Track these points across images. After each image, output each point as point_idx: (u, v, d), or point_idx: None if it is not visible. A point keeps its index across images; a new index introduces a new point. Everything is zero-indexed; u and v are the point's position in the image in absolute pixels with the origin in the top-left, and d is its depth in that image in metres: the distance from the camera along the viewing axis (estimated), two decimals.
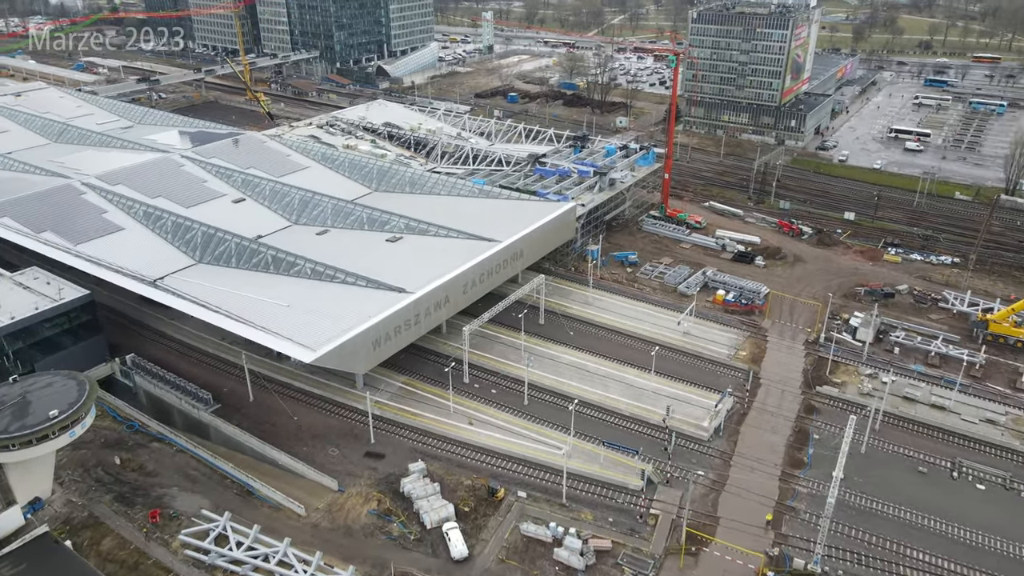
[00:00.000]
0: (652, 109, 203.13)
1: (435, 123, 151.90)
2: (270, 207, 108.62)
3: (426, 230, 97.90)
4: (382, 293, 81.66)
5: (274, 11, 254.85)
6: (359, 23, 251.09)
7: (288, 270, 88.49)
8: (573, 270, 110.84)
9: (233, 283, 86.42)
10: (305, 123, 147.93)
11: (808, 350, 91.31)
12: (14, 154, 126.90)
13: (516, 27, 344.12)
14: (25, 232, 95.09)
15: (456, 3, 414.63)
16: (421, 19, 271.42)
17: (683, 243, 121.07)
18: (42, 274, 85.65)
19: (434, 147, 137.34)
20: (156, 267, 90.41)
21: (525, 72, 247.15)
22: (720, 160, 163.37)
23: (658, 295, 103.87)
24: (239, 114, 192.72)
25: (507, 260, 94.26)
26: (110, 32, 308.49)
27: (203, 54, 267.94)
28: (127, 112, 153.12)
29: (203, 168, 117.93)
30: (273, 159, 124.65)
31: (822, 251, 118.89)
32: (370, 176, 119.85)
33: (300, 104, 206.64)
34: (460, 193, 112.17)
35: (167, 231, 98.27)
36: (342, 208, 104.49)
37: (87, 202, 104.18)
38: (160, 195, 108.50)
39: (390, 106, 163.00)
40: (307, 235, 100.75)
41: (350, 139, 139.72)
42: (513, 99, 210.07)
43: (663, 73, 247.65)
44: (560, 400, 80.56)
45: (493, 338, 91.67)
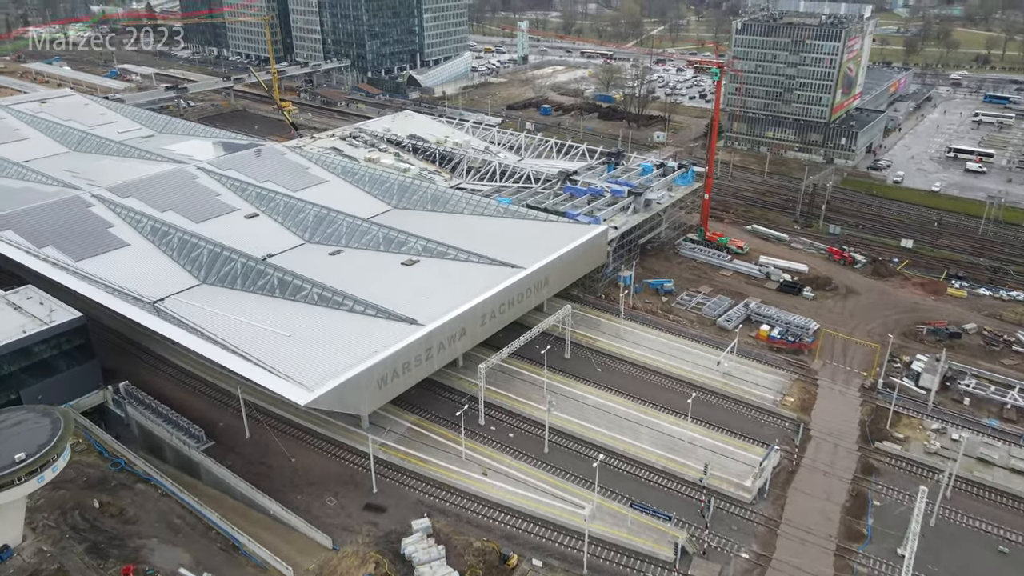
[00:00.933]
0: (691, 123, 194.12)
1: (462, 136, 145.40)
2: (283, 223, 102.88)
3: (445, 253, 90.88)
4: (392, 324, 74.71)
5: (307, 19, 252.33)
6: (392, 32, 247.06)
7: (294, 294, 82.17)
8: (603, 297, 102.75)
9: (235, 307, 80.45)
10: (328, 134, 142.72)
11: (864, 397, 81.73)
12: (31, 163, 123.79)
13: (552, 37, 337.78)
14: (26, 247, 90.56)
15: (492, 13, 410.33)
16: (455, 28, 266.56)
17: (723, 270, 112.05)
18: (36, 293, 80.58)
19: (460, 162, 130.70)
20: (157, 287, 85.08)
21: (560, 83, 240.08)
22: (764, 179, 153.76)
23: (695, 328, 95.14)
24: (266, 124, 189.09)
25: (531, 288, 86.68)
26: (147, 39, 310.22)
27: (236, 62, 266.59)
28: (150, 121, 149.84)
29: (218, 181, 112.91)
30: (291, 172, 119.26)
31: (877, 282, 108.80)
32: (391, 192, 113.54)
33: (328, 114, 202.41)
34: (484, 212, 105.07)
35: (173, 248, 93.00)
36: (357, 227, 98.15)
37: (94, 215, 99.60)
38: (171, 209, 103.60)
39: (417, 118, 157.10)
40: (319, 255, 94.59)
41: (373, 152, 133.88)
42: (546, 111, 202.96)
43: (703, 85, 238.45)
44: (584, 448, 72.58)
45: (513, 374, 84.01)
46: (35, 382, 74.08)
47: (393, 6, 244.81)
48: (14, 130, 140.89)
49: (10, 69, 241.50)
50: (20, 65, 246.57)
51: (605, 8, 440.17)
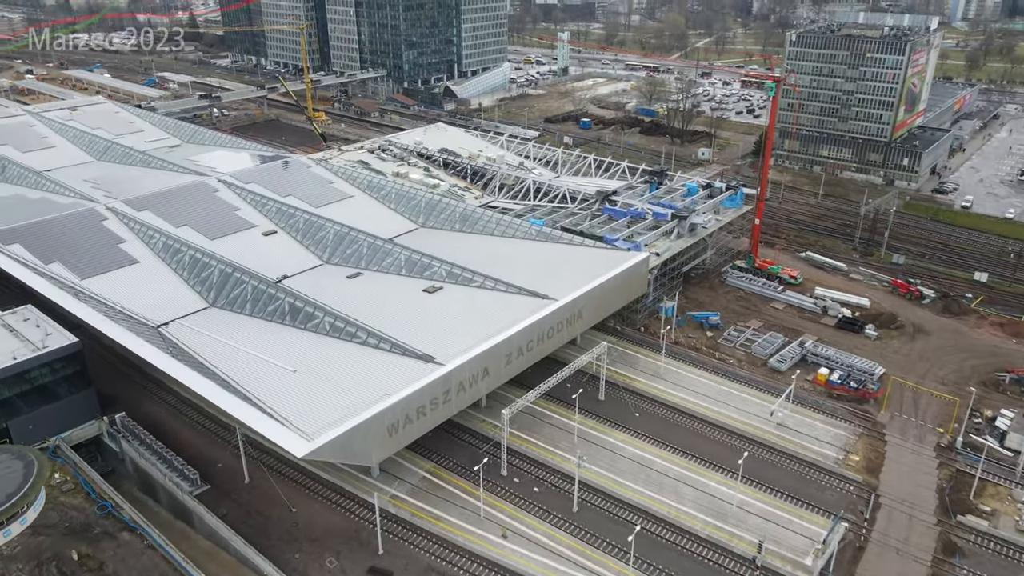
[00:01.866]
0: (738, 140, 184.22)
1: (496, 150, 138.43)
2: (302, 242, 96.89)
3: (470, 280, 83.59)
4: (408, 361, 67.55)
5: (345, 29, 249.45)
6: (430, 42, 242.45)
7: (305, 322, 75.67)
8: (642, 330, 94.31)
9: (241, 335, 74.34)
10: (356, 147, 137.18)
11: (941, 459, 71.69)
12: (53, 171, 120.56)
13: (593, 48, 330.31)
14: (32, 263, 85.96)
15: (533, 24, 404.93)
16: (495, 39, 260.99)
17: (775, 302, 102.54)
18: (34, 315, 75.52)
19: (492, 178, 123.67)
20: (163, 310, 79.65)
21: (600, 96, 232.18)
22: (818, 201, 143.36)
23: (744, 369, 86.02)
24: (297, 134, 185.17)
25: (563, 323, 78.71)
26: (189, 47, 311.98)
27: (274, 71, 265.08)
28: (177, 130, 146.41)
29: (238, 194, 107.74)
30: (315, 186, 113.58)
31: (949, 321, 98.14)
32: (417, 210, 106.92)
33: (361, 125, 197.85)
34: (515, 234, 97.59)
35: (183, 267, 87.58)
36: (379, 248, 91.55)
37: (106, 230, 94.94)
38: (186, 224, 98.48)
39: (449, 130, 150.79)
40: (336, 278, 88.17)
41: (402, 166, 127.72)
42: (586, 125, 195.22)
43: (751, 100, 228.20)
44: (618, 509, 64.29)
45: (541, 417, 76.10)
46: (25, 412, 68.73)
47: (432, 16, 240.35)
48: (42, 138, 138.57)
49: (52, 75, 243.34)
50: (62, 72, 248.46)
51: (649, 20, 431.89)
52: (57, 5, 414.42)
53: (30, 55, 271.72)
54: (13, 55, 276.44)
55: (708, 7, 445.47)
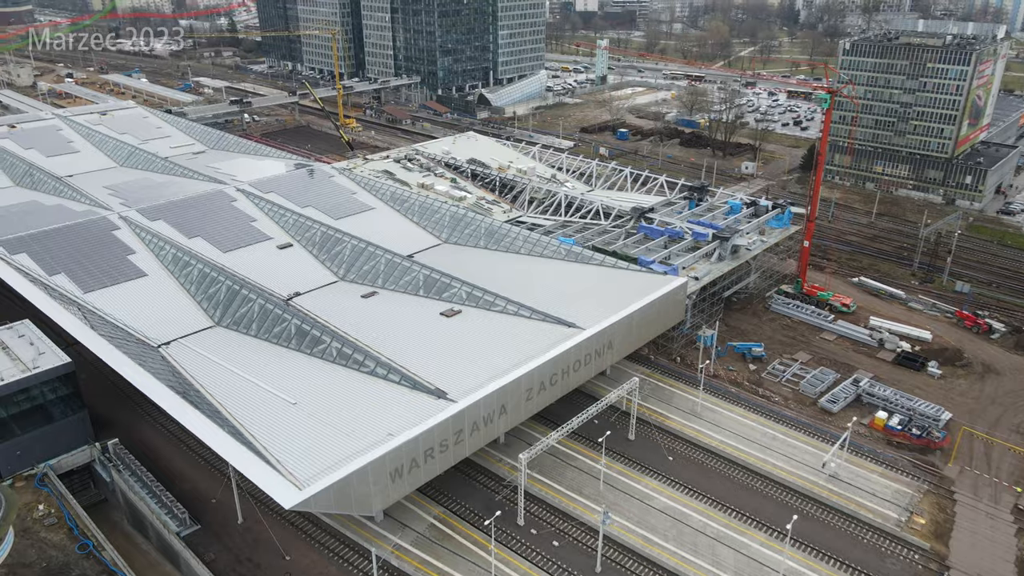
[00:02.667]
0: (784, 153, 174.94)
1: (527, 162, 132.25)
2: (318, 256, 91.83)
3: (492, 303, 77.28)
4: (418, 397, 61.44)
5: (380, 35, 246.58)
6: (465, 49, 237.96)
7: (312, 347, 70.16)
8: (678, 361, 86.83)
9: (243, 359, 69.21)
10: (382, 156, 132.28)
11: (1021, 524, 62.83)
12: (75, 177, 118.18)
13: (632, 56, 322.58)
14: (36, 274, 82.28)
15: (572, 31, 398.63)
16: (532, 46, 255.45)
17: (825, 333, 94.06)
18: (29, 331, 71.65)
19: (522, 191, 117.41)
20: (167, 327, 75.11)
21: (639, 106, 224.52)
22: (871, 221, 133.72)
23: (791, 408, 77.97)
24: (327, 141, 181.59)
25: (591, 355, 71.73)
26: (227, 52, 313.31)
27: (309, 76, 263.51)
28: (203, 136, 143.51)
29: (255, 204, 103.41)
30: (335, 197, 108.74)
31: (1022, 359, 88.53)
32: (441, 224, 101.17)
33: (391, 132, 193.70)
34: (543, 253, 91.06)
35: (191, 282, 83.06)
36: (397, 265, 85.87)
37: (117, 240, 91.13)
38: (199, 235, 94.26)
39: (480, 140, 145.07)
40: (350, 297, 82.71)
41: (428, 177, 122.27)
42: (623, 135, 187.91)
43: (798, 111, 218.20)
44: (648, 571, 57.02)
45: (563, 458, 69.28)
46: (12, 437, 64.53)
47: (468, 22, 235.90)
48: (68, 142, 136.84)
49: (91, 79, 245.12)
50: (100, 76, 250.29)
51: (691, 28, 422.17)
52: (104, 9, 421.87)
53: (71, 59, 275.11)
54: (56, 58, 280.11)
55: (753, 15, 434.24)
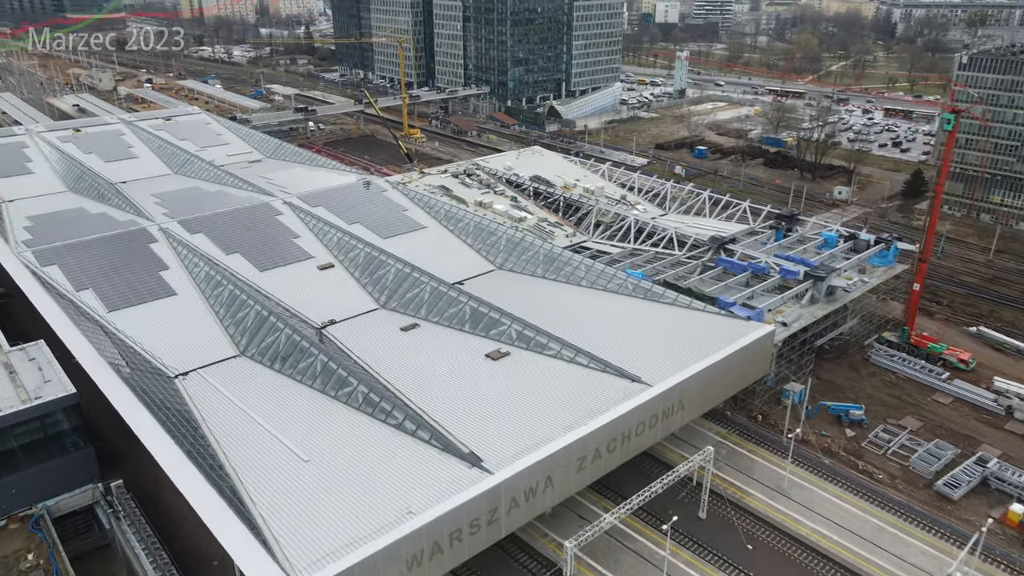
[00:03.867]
0: (883, 178, 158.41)
1: (596, 180, 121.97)
2: (359, 280, 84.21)
3: (544, 346, 67.42)
4: (448, 462, 52.09)
5: (451, 43, 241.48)
6: (537, 59, 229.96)
7: (336, 388, 61.89)
8: (760, 419, 74.64)
9: (260, 398, 61.66)
10: (439, 170, 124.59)
11: None
12: (127, 184, 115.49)
13: (714, 69, 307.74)
14: (62, 288, 77.54)
15: (650, 43, 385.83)
16: (607, 57, 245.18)
17: (938, 393, 79.88)
18: (41, 353, 66.17)
19: (588, 213, 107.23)
20: (187, 355, 68.55)
21: (720, 122, 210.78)
22: (990, 259, 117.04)
23: (899, 490, 64.81)
24: (389, 151, 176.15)
25: (657, 416, 60.88)
26: (302, 60, 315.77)
27: (379, 85, 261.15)
28: (261, 144, 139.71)
29: (301, 219, 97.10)
30: (385, 214, 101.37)
31: None
32: (496, 247, 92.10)
33: (456, 144, 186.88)
34: (607, 287, 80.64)
35: (221, 304, 76.60)
36: (442, 295, 77.16)
37: (152, 254, 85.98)
38: (238, 251, 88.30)
39: (546, 155, 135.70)
40: (389, 329, 74.43)
41: (487, 194, 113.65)
42: (701, 153, 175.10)
43: (897, 131, 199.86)
44: None
45: (620, 538, 58.53)
46: (8, 474, 58.59)
47: (542, 31, 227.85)
48: (128, 147, 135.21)
49: (169, 85, 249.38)
50: (176, 82, 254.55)
51: (777, 41, 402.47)
52: (193, 20, 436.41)
53: (154, 64, 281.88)
54: (140, 63, 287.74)
55: (844, 28, 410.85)
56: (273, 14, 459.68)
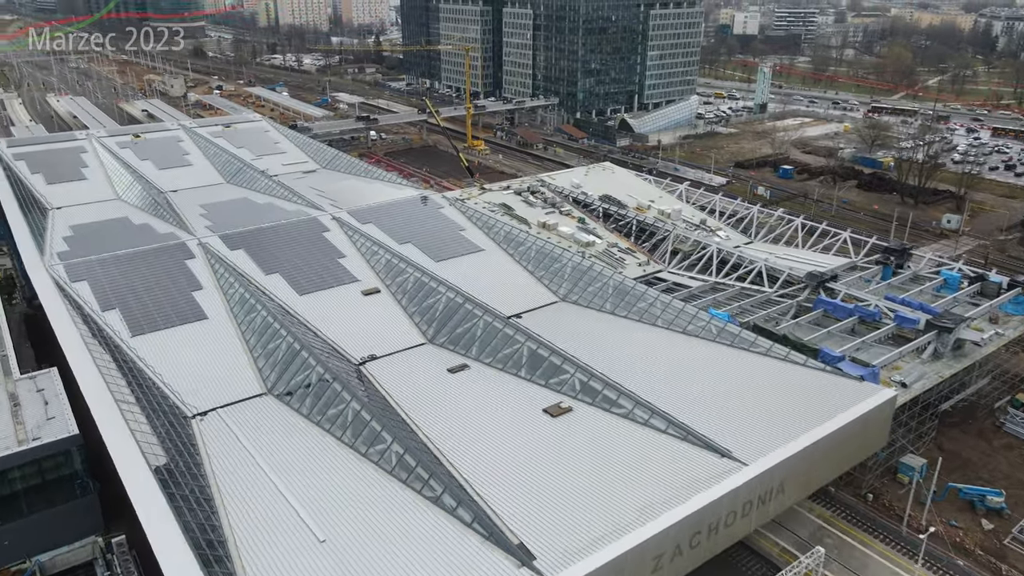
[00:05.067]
0: (998, 205, 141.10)
1: (672, 201, 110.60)
2: (406, 309, 75.64)
3: (613, 403, 57.02)
4: (494, 556, 42.21)
5: (520, 52, 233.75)
6: (610, 70, 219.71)
7: (368, 444, 52.98)
8: (870, 500, 61.98)
9: (281, 451, 53.38)
10: (501, 186, 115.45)
11: None
12: (177, 193, 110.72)
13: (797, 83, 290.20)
14: (88, 307, 71.57)
15: (728, 55, 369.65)
16: (684, 69, 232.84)
17: None
18: (51, 383, 59.98)
19: (664, 239, 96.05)
20: (209, 391, 61.12)
21: (806, 139, 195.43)
22: None
23: None
24: (450, 163, 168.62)
25: (754, 501, 49.51)
26: (370, 69, 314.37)
27: (445, 95, 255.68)
28: (318, 153, 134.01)
29: (349, 238, 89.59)
30: (440, 234, 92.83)
31: None
32: (560, 276, 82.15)
33: (521, 157, 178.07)
34: (686, 329, 69.59)
35: (253, 331, 69.13)
36: (497, 332, 67.71)
37: (187, 272, 79.63)
38: (278, 270, 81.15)
39: (616, 172, 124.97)
40: (435, 369, 65.37)
41: (552, 214, 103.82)
42: (786, 173, 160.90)
43: (1009, 152, 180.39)
44: None
45: None
46: None
47: (615, 41, 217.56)
48: (184, 155, 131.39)
49: (237, 92, 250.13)
50: (244, 89, 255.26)
51: (865, 55, 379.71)
52: (268, 28, 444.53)
53: (225, 72, 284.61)
54: (213, 71, 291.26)
55: (940, 41, 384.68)
56: (346, 23, 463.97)
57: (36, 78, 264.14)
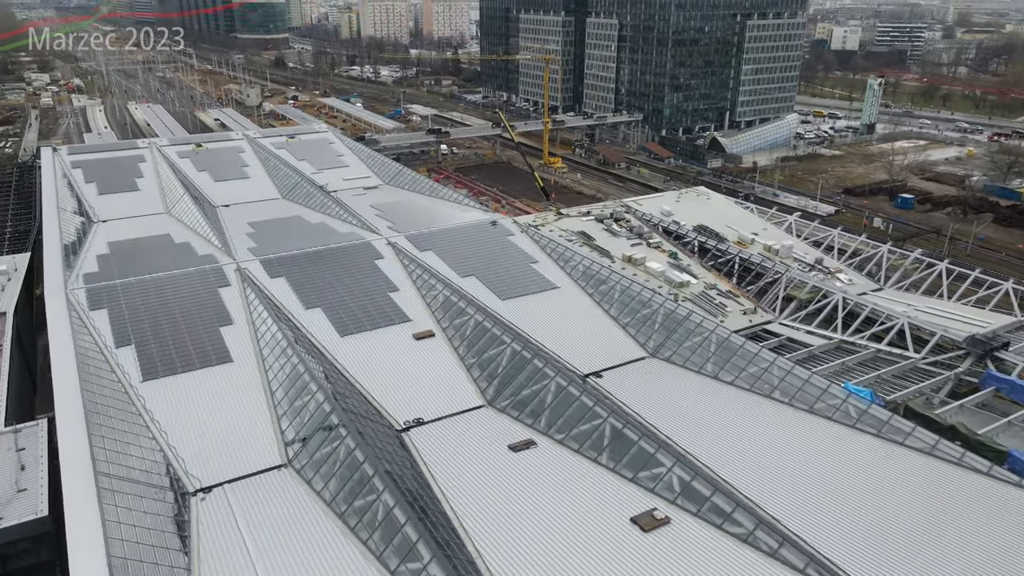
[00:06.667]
0: None
1: (780, 235, 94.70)
2: (464, 359, 63.24)
3: (727, 516, 42.63)
4: None
5: (602, 65, 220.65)
6: (699, 85, 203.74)
7: (399, 556, 40.40)
8: None
9: (288, 554, 41.53)
10: (580, 210, 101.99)
11: None
12: (230, 208, 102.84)
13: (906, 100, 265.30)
14: (102, 343, 62.28)
15: (825, 71, 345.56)
16: (781, 85, 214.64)
17: None
18: (35, 442, 50.31)
19: (774, 283, 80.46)
20: (221, 458, 50.34)
21: (925, 163, 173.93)
22: None
23: None
24: (525, 182, 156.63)
25: None
26: (447, 80, 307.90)
27: (522, 108, 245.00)
28: (381, 168, 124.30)
29: (404, 266, 78.32)
30: (508, 266, 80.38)
31: None
32: (650, 325, 68.19)
33: (601, 177, 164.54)
34: (814, 407, 54.41)
35: (280, 382, 58.07)
36: (572, 400, 54.40)
37: (219, 303, 69.84)
38: (319, 304, 70.43)
39: (712, 198, 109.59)
40: (494, 443, 52.53)
41: (638, 246, 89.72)
42: (905, 203, 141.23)
43: None
44: None
45: None
46: None
47: (707, 54, 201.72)
48: (243, 167, 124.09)
49: (312, 103, 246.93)
50: (318, 99, 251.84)
51: (979, 72, 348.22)
52: (350, 40, 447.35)
53: (302, 83, 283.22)
54: (291, 81, 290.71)
55: None
56: (426, 36, 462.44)
57: (122, 86, 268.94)
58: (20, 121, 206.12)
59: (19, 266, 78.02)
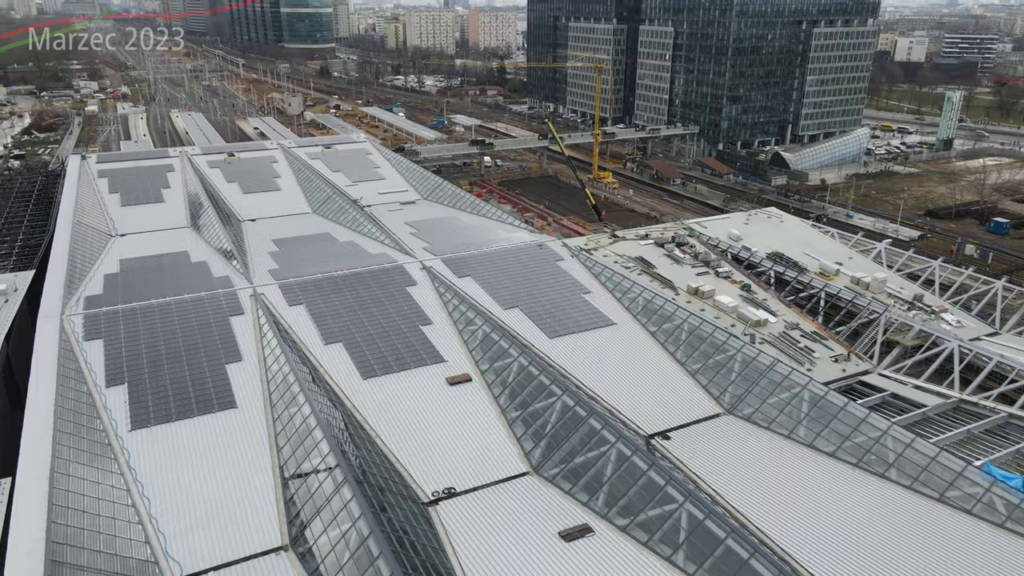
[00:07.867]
0: None
1: (869, 267, 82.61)
2: (505, 412, 53.56)
3: None
4: None
5: (655, 76, 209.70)
6: (759, 96, 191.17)
7: None
8: None
9: None
10: (638, 233, 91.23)
11: None
12: (256, 223, 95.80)
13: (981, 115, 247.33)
14: (93, 381, 54.34)
15: (888, 84, 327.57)
16: (848, 97, 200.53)
17: None
18: None
19: (869, 324, 68.69)
20: (208, 537, 41.86)
21: (1012, 184, 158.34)
22: None
23: None
24: (573, 198, 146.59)
25: None
26: (492, 91, 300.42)
27: (569, 120, 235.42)
28: (420, 181, 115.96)
29: (439, 295, 69.17)
30: (557, 297, 70.51)
31: None
32: (726, 374, 57.74)
33: (655, 194, 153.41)
34: (944, 493, 43.08)
35: (287, 437, 49.13)
36: (637, 474, 44.20)
37: (228, 334, 61.55)
38: (341, 340, 61.63)
39: (785, 220, 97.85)
40: (540, 528, 42.52)
41: (705, 275, 78.76)
42: (999, 227, 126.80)
43: None
44: None
45: None
46: None
47: (768, 64, 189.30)
48: (275, 177, 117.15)
49: (354, 112, 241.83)
50: (360, 108, 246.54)
51: None
52: (396, 50, 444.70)
53: (345, 92, 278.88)
54: (334, 90, 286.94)
55: None
56: (472, 47, 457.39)
57: (166, 93, 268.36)
58: (63, 128, 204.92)
59: (19, 286, 70.97)
